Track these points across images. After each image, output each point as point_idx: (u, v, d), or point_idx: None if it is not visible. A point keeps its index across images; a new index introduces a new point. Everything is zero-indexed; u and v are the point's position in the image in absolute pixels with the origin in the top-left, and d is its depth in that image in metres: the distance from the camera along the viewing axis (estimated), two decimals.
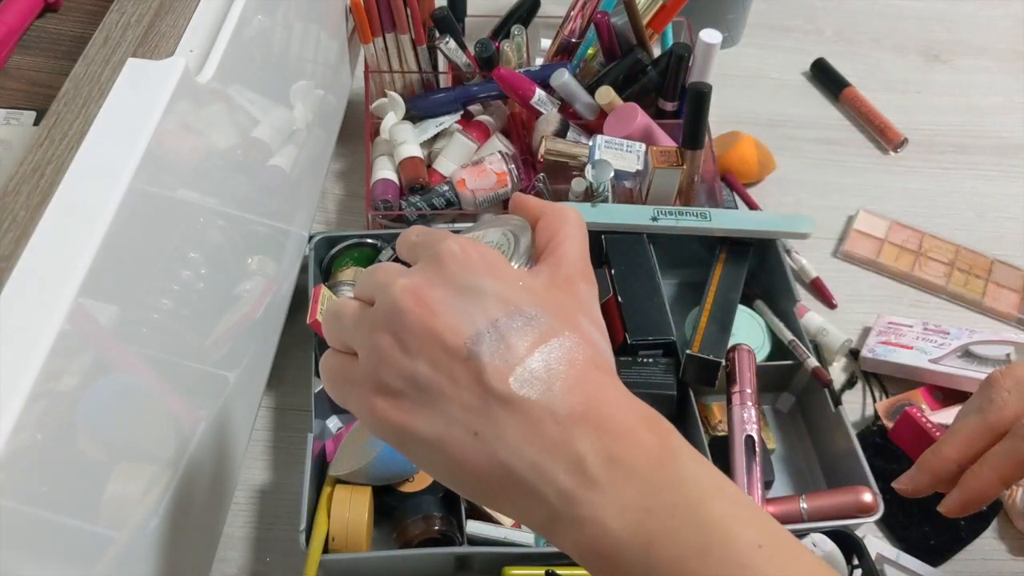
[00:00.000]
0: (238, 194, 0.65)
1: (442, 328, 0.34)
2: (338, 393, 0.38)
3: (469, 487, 0.35)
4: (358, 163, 1.01)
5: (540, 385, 0.34)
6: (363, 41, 0.95)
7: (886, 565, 0.71)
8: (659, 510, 0.32)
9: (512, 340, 0.34)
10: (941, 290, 0.94)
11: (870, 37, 1.26)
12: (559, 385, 0.34)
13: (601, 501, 0.32)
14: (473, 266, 0.36)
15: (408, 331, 0.35)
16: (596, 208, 0.85)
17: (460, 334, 0.34)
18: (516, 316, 0.35)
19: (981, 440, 0.53)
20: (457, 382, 0.34)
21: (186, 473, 0.57)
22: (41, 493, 0.41)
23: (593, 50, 0.99)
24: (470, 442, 0.34)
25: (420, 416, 0.35)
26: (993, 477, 0.52)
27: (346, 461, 0.68)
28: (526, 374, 0.34)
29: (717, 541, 0.32)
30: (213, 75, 0.55)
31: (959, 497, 0.53)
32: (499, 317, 0.34)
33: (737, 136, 1.02)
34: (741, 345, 0.77)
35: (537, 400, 0.33)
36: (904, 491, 0.56)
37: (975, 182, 1.06)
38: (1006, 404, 0.53)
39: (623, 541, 0.32)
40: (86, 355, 0.43)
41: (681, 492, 0.33)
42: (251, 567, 0.70)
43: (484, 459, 0.34)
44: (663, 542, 0.32)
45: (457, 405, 0.34)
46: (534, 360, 0.34)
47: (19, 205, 0.43)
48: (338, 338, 0.38)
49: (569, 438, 0.33)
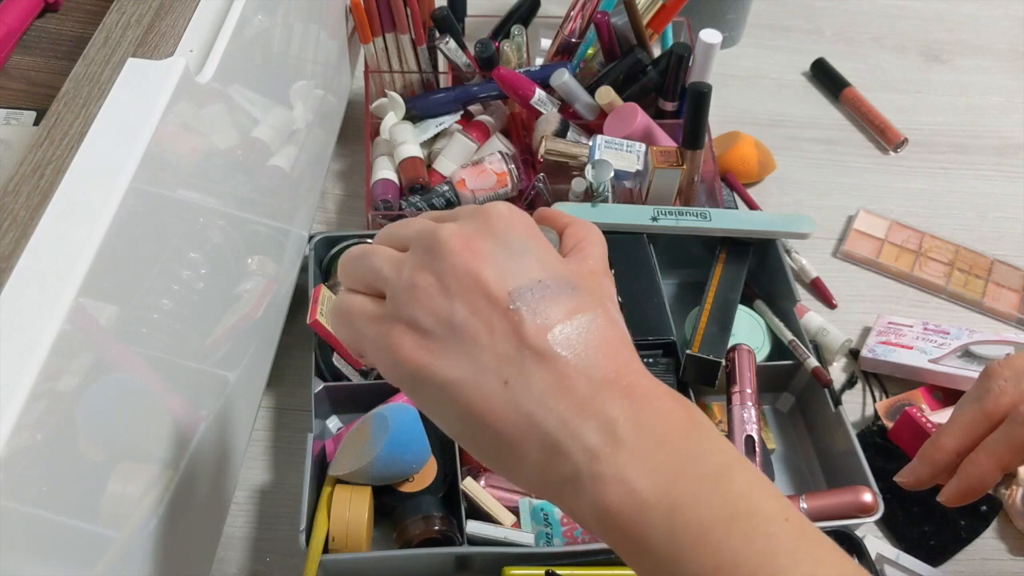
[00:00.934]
0: (238, 194, 0.65)
1: (488, 276, 0.34)
2: (352, 329, 0.37)
3: (482, 440, 0.35)
4: (358, 163, 1.01)
5: (577, 347, 0.34)
6: (363, 41, 0.95)
7: (886, 565, 0.71)
8: (687, 476, 0.32)
9: (552, 302, 0.34)
10: (941, 290, 0.94)
11: (870, 37, 1.26)
12: (594, 352, 0.34)
13: (630, 460, 0.32)
14: (520, 228, 0.36)
15: (452, 272, 0.35)
16: (596, 208, 0.85)
17: (504, 284, 0.34)
18: (558, 281, 0.35)
19: (979, 428, 0.53)
20: (494, 330, 0.34)
21: (186, 473, 0.57)
22: (41, 493, 0.41)
23: (593, 50, 0.99)
24: (498, 390, 0.34)
25: (447, 358, 0.34)
26: (991, 464, 0.52)
27: (346, 461, 0.68)
28: (563, 336, 0.34)
29: (743, 511, 0.32)
30: (213, 75, 0.55)
31: (958, 485, 0.53)
32: (542, 278, 0.35)
33: (737, 136, 1.02)
34: (741, 345, 0.77)
35: (571, 360, 0.34)
36: (906, 484, 0.56)
37: (975, 182, 1.06)
38: (1003, 392, 0.53)
39: (648, 503, 0.32)
40: (86, 355, 0.43)
41: (708, 462, 0.33)
42: (251, 567, 0.70)
43: (510, 409, 0.33)
44: (690, 506, 0.32)
45: (490, 352, 0.34)
46: (571, 325, 0.34)
47: (19, 205, 0.43)
48: (363, 278, 0.38)
49: (601, 399, 0.33)
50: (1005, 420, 0.52)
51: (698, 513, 0.32)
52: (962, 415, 0.54)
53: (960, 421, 0.54)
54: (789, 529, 0.32)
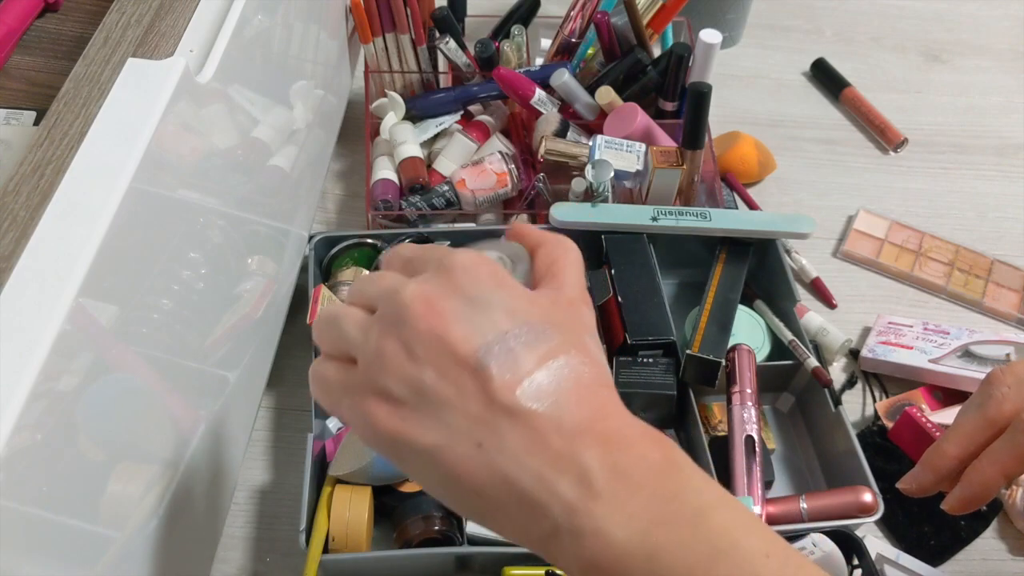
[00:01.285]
0: (238, 194, 0.65)
1: (454, 336, 0.34)
2: (330, 399, 0.38)
3: (466, 501, 0.35)
4: (358, 163, 1.01)
5: (547, 398, 0.33)
6: (363, 41, 0.95)
7: (886, 565, 0.71)
8: (664, 520, 0.32)
9: (521, 353, 0.34)
10: (941, 290, 0.94)
11: (870, 37, 1.26)
12: (566, 399, 0.34)
13: (606, 512, 0.32)
14: (483, 279, 0.36)
15: (418, 338, 0.34)
16: (596, 208, 0.85)
17: (470, 343, 0.34)
18: (526, 330, 0.34)
19: (982, 435, 0.53)
20: (463, 392, 0.34)
21: (186, 473, 0.57)
22: (41, 493, 0.41)
23: (593, 50, 0.99)
24: (472, 453, 0.33)
25: (421, 425, 0.34)
26: (994, 471, 0.52)
27: (346, 461, 0.68)
28: (533, 387, 0.33)
29: (724, 550, 0.32)
30: (213, 75, 0.55)
31: (961, 493, 0.53)
32: (509, 329, 0.34)
33: (737, 136, 1.02)
34: (741, 345, 0.77)
35: (543, 412, 0.33)
36: (909, 491, 0.56)
37: (975, 182, 1.06)
38: (1005, 399, 0.53)
39: (628, 552, 0.32)
40: (86, 355, 0.43)
41: (686, 502, 0.33)
42: (251, 567, 0.70)
43: (486, 471, 0.33)
44: (669, 551, 0.32)
45: (461, 415, 0.34)
46: (542, 374, 0.34)
47: (19, 205, 0.43)
48: (334, 344, 0.38)
49: (574, 450, 0.33)
50: (1008, 427, 0.52)
51: (677, 557, 0.32)
52: (965, 422, 0.54)
53: (963, 428, 0.54)
54: (770, 566, 0.32)
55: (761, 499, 0.70)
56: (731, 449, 0.72)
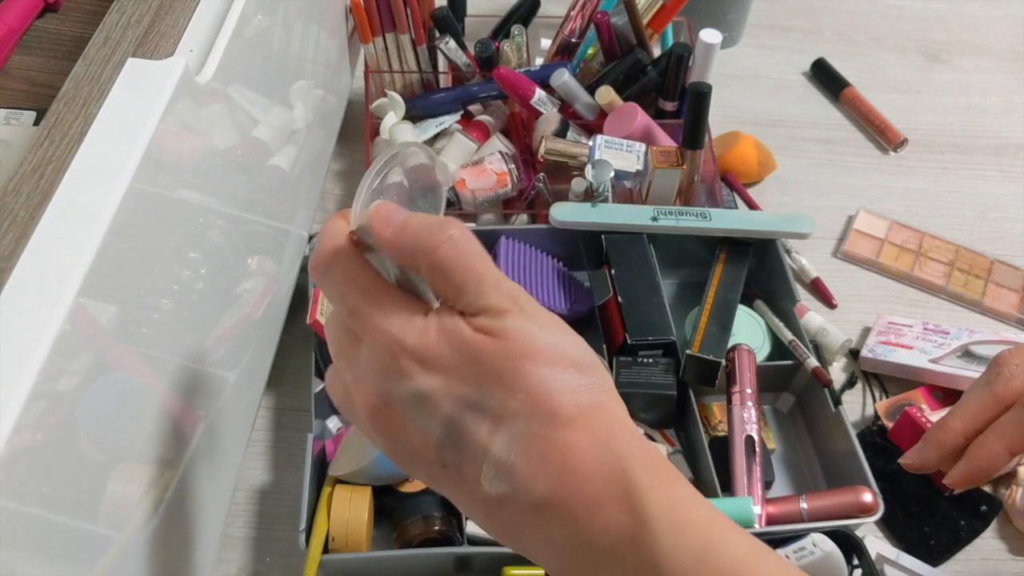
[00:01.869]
0: (238, 194, 0.65)
1: (414, 448, 0.35)
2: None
3: None
4: (358, 163, 1.01)
5: (507, 477, 0.33)
6: (363, 41, 0.95)
7: (886, 565, 0.71)
8: None
9: (469, 434, 0.33)
10: (941, 290, 0.94)
11: (870, 37, 1.26)
12: (521, 474, 0.33)
13: None
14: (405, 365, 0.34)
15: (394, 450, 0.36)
16: (596, 208, 0.85)
17: (428, 447, 0.34)
18: (464, 407, 0.33)
19: (988, 412, 0.53)
20: (452, 482, 0.35)
21: (186, 473, 0.57)
22: (41, 493, 0.40)
23: (593, 50, 0.99)
24: (484, 521, 0.36)
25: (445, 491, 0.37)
26: (999, 447, 0.52)
27: (346, 461, 0.68)
28: (493, 469, 0.33)
29: None
30: (213, 75, 0.55)
31: (965, 467, 0.53)
32: (449, 412, 0.34)
33: (737, 136, 1.02)
34: (741, 345, 0.77)
35: (508, 494, 0.33)
36: (911, 466, 0.56)
37: (975, 182, 1.06)
38: (1013, 376, 0.53)
39: None
40: (86, 355, 0.43)
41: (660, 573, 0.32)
42: (251, 567, 0.70)
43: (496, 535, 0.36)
44: None
45: (458, 500, 0.36)
46: (496, 448, 0.33)
47: (19, 205, 0.43)
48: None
49: (543, 528, 0.34)
50: (1015, 404, 0.52)
51: None
52: (972, 399, 0.54)
53: (970, 405, 0.54)
54: None
55: (761, 499, 0.70)
56: (731, 449, 0.72)
